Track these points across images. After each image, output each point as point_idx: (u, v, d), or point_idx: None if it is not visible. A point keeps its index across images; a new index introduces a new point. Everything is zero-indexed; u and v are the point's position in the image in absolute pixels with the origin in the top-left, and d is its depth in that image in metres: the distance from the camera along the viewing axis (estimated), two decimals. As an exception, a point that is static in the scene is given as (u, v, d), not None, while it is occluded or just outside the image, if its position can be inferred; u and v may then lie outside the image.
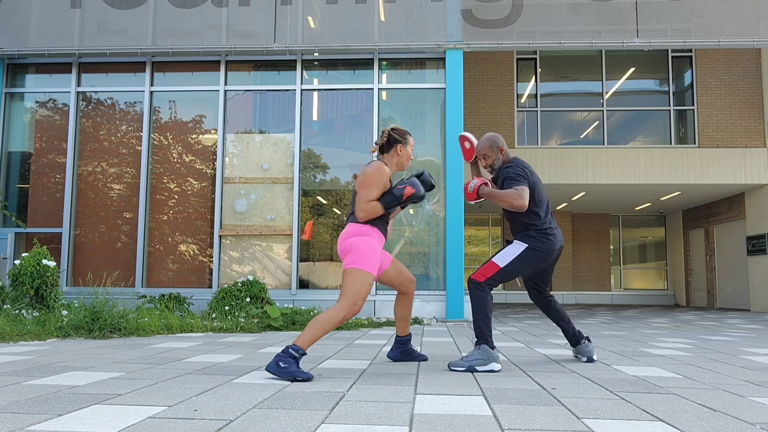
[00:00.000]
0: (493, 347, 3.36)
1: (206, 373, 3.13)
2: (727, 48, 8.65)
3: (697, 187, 12.86)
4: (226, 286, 7.66)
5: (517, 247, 3.51)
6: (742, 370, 3.44)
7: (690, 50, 13.10)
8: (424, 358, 3.75)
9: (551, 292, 3.90)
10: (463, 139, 3.87)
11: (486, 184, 3.52)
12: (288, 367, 2.90)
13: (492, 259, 3.51)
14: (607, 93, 13.19)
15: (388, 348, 4.52)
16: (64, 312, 5.77)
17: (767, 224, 12.76)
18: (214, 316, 6.66)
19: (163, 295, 7.36)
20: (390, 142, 3.40)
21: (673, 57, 13.17)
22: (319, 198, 8.55)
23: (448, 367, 3.37)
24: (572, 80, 13.56)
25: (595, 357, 3.79)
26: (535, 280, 3.78)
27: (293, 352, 2.95)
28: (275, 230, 8.35)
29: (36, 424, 1.96)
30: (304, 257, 8.36)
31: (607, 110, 13.10)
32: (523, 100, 13.34)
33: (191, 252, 8.49)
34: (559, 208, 16.74)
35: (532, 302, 17.02)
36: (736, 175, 12.32)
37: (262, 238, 8.41)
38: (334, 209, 8.49)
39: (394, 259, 3.60)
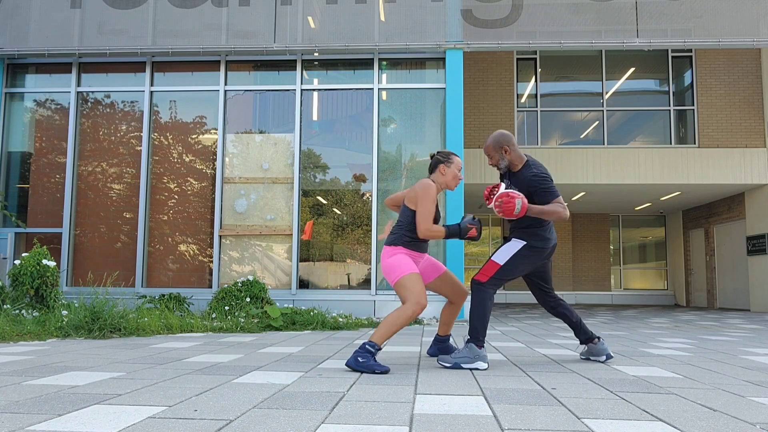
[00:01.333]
0: (480, 347, 3.41)
1: (206, 373, 3.13)
2: (727, 48, 8.65)
3: (697, 187, 12.86)
4: (226, 286, 7.66)
5: (515, 245, 3.53)
6: (742, 370, 3.44)
7: (690, 50, 13.09)
8: None
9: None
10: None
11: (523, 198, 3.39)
12: (366, 361, 3.19)
13: (491, 258, 3.55)
14: (607, 93, 13.19)
15: (388, 348, 4.52)
16: (64, 312, 5.77)
17: (767, 224, 12.76)
18: (214, 316, 6.66)
19: (163, 295, 7.36)
20: (433, 163, 3.59)
21: (673, 57, 13.17)
22: (319, 198, 8.55)
23: (437, 360, 3.48)
24: (572, 80, 13.55)
25: (611, 353, 3.81)
26: (536, 279, 3.79)
27: (369, 348, 3.23)
28: (275, 230, 8.35)
29: (36, 424, 1.96)
30: (304, 257, 8.35)
31: (607, 110, 13.10)
32: (523, 100, 13.33)
33: (191, 252, 8.49)
34: (559, 208, 16.72)
35: (532, 302, 17.04)
36: (736, 175, 12.32)
37: (262, 238, 8.41)
38: (334, 209, 8.49)
39: (447, 271, 3.77)
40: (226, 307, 6.87)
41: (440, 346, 3.90)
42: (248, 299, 7.00)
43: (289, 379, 2.96)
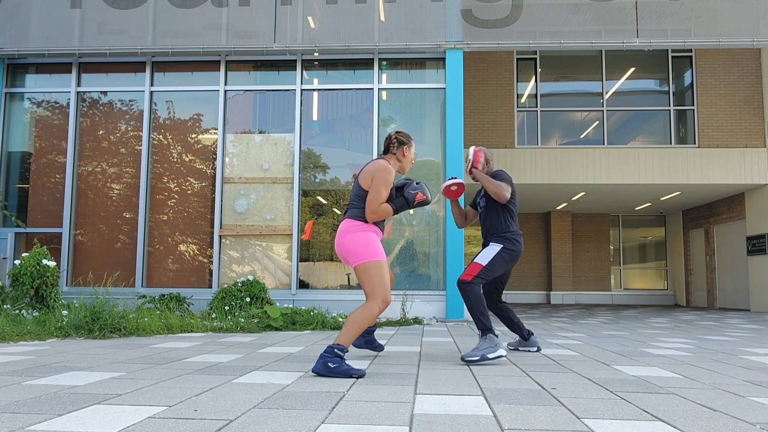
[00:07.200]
0: (495, 335, 3.67)
1: (206, 373, 3.13)
2: (727, 48, 8.65)
3: (697, 187, 12.86)
4: (226, 286, 7.66)
5: (493, 248, 3.96)
6: (742, 370, 3.44)
7: (690, 50, 13.09)
8: (381, 348, 3.93)
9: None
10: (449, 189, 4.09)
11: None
12: (338, 366, 3.01)
13: (474, 261, 3.93)
14: (607, 93, 13.18)
15: (388, 348, 4.52)
16: (64, 312, 5.76)
17: (767, 224, 12.76)
18: (214, 316, 6.66)
19: (163, 295, 7.36)
20: (397, 143, 3.55)
21: (673, 57, 13.17)
22: (319, 198, 8.55)
23: (462, 359, 3.60)
24: (572, 80, 13.55)
25: (541, 347, 4.41)
26: (498, 280, 4.22)
27: (338, 351, 3.05)
28: (275, 230, 8.35)
29: (36, 424, 1.96)
30: (304, 257, 8.35)
31: (607, 110, 13.10)
32: (523, 100, 13.33)
33: (191, 252, 8.49)
34: (559, 208, 16.73)
35: (532, 302, 17.06)
36: (736, 175, 12.31)
37: (262, 238, 8.41)
38: (334, 209, 8.49)
39: None
40: (226, 307, 6.87)
41: (366, 338, 3.83)
42: (248, 299, 7.00)
43: (289, 379, 2.96)
